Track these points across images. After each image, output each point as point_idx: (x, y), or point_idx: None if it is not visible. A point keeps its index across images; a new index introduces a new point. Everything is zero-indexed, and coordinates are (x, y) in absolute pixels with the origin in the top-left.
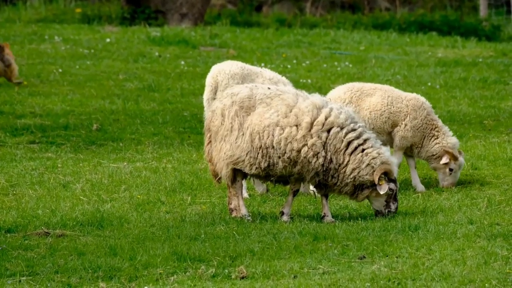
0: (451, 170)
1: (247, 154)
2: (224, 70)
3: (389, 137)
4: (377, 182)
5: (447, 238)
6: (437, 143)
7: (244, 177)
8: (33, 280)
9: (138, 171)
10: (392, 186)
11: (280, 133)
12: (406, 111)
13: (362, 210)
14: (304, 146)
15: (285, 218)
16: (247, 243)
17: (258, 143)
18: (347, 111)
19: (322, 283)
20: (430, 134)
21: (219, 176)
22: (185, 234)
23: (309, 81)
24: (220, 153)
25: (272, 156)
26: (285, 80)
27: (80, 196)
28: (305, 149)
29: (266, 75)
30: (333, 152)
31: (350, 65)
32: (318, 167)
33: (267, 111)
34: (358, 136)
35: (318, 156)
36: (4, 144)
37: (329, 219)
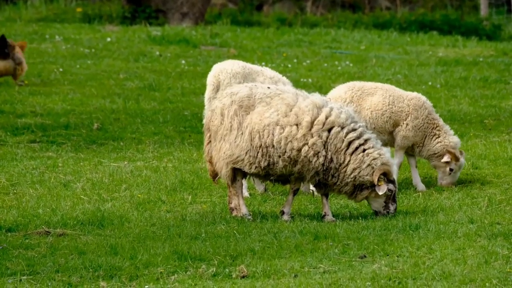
0: (451, 170)
1: (247, 153)
2: (226, 69)
3: (390, 137)
4: (376, 183)
5: (448, 237)
6: (439, 142)
7: (244, 176)
8: (34, 279)
9: (139, 170)
10: (391, 187)
11: (280, 132)
12: (408, 111)
13: (363, 209)
14: (305, 145)
15: (286, 217)
16: (248, 242)
17: (258, 142)
18: (348, 111)
19: (323, 282)
20: (432, 134)
21: (218, 176)
22: (186, 233)
23: (310, 81)
24: (220, 153)
25: (272, 155)
26: (286, 80)
27: (81, 195)
28: (306, 148)
29: (267, 74)
30: (334, 152)
31: (351, 65)
32: (319, 167)
33: (267, 110)
34: (359, 136)
35: (319, 156)
36: (5, 143)
37: (330, 218)
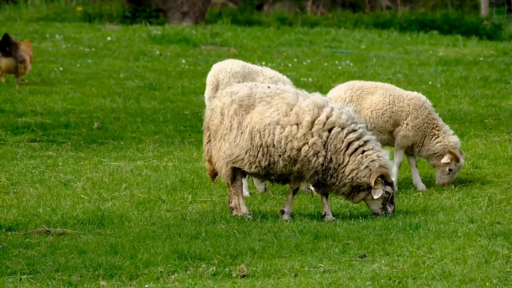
0: (450, 170)
1: (247, 153)
2: (226, 69)
3: (390, 136)
4: (373, 185)
5: (448, 237)
6: (439, 142)
7: (244, 176)
8: (34, 279)
9: (139, 170)
10: (388, 189)
11: (281, 132)
12: (408, 110)
13: (363, 209)
14: (305, 145)
15: (286, 217)
16: (248, 242)
17: (259, 142)
18: (348, 111)
19: (323, 282)
20: (431, 133)
21: (217, 176)
22: (186, 233)
23: (310, 80)
24: (220, 152)
25: (273, 155)
26: (286, 79)
27: (81, 195)
28: (306, 148)
29: (267, 74)
30: (333, 152)
31: (351, 64)
32: (318, 166)
33: (267, 110)
34: (359, 137)
35: (318, 155)
36: (5, 143)
37: (330, 218)
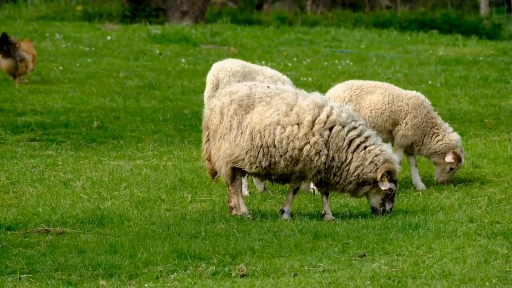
0: (451, 169)
1: (247, 153)
2: (225, 68)
3: (390, 135)
4: (379, 179)
5: (448, 237)
6: (439, 140)
7: (243, 175)
8: (33, 278)
9: (139, 169)
10: (392, 187)
11: (282, 132)
12: (407, 110)
13: (363, 209)
14: (306, 144)
15: (286, 216)
16: (248, 241)
17: (259, 142)
18: (348, 110)
19: (322, 281)
20: (431, 132)
21: (217, 175)
22: (186, 232)
23: (310, 79)
24: (219, 152)
25: (274, 155)
26: (286, 79)
27: (81, 194)
28: (308, 147)
29: (267, 73)
30: (335, 150)
31: (351, 63)
32: (320, 165)
33: (267, 110)
34: (360, 134)
35: (321, 154)
36: (5, 142)
37: (330, 217)
